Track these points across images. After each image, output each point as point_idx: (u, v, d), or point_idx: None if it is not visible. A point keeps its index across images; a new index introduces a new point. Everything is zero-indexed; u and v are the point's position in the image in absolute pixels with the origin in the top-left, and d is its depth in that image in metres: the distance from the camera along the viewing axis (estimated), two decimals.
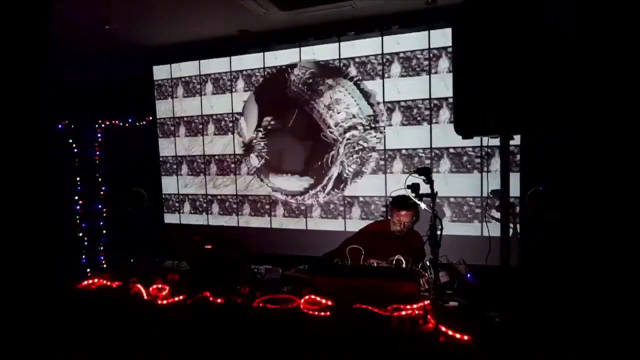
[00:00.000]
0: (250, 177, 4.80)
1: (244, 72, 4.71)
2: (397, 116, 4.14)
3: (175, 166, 5.18)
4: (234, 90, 4.78)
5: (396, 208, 3.16)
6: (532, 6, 2.08)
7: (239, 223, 4.88)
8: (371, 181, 4.27)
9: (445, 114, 3.97)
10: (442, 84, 3.95)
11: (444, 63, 3.93)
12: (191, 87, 4.98)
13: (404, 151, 4.14)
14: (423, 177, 2.42)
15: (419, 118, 4.07)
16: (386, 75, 4.14)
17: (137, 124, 5.50)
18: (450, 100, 3.79)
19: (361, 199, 4.32)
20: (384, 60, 4.13)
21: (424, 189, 2.43)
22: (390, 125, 4.16)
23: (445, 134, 3.96)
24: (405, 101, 4.10)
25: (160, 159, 5.25)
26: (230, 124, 4.83)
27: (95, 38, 4.19)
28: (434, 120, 4.01)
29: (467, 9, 2.19)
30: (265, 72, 4.59)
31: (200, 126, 4.97)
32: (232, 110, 4.82)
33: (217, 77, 4.84)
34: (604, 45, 3.28)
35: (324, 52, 4.33)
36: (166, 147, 5.21)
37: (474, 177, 3.92)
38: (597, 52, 3.28)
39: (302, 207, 4.57)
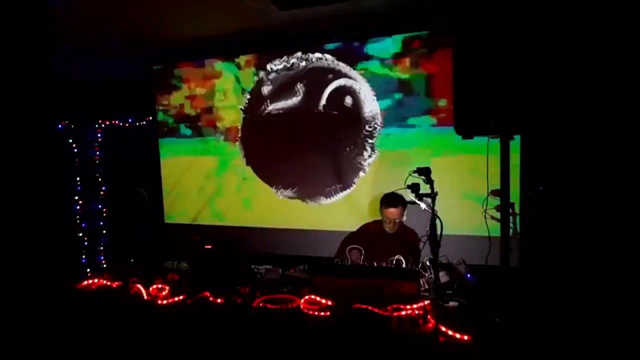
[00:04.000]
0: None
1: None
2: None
3: None
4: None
5: (384, 206, 3.17)
6: (531, 7, 2.08)
7: (239, 223, 4.88)
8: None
9: None
10: None
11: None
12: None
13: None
14: (423, 177, 2.42)
15: None
16: None
17: (137, 124, 5.49)
18: None
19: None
20: None
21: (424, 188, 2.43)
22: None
23: None
24: None
25: None
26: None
27: (96, 37, 4.19)
28: None
29: (468, 9, 2.20)
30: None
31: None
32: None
33: None
34: (603, 47, 3.29)
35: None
36: None
37: None
38: (596, 53, 3.29)
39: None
